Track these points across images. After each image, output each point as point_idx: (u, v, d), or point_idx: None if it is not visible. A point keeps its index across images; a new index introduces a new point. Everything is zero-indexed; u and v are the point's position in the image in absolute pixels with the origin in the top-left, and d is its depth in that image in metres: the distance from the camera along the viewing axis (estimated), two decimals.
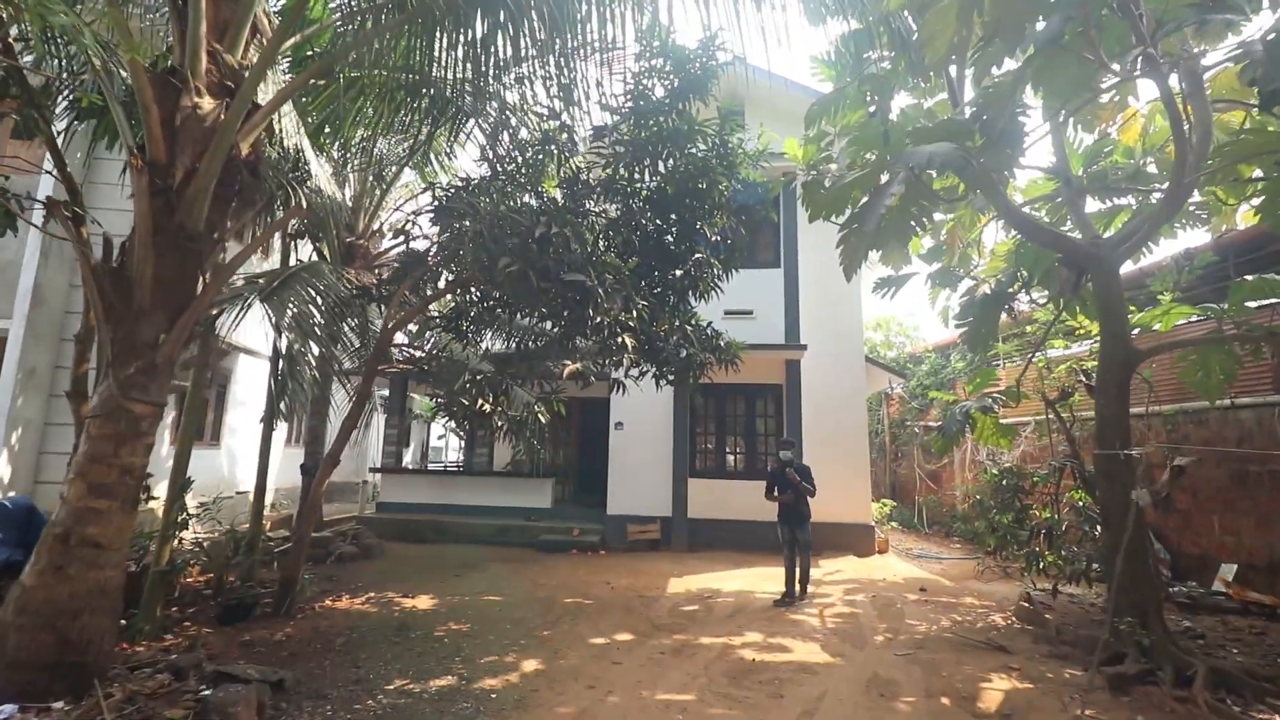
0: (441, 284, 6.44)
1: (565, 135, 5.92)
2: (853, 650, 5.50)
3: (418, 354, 7.68)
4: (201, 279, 4.34)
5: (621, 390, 5.78)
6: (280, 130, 6.35)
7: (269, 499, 12.26)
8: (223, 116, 4.17)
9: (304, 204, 5.84)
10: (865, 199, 5.06)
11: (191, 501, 10.40)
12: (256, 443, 11.23)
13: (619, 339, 5.06)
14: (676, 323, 6.00)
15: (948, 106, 6.58)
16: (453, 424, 9.29)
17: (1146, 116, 7.08)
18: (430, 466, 18.87)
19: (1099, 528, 6.59)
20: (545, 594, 7.27)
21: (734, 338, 6.95)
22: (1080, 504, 6.74)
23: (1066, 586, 6.96)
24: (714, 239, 6.21)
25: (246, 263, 6.17)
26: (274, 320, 5.84)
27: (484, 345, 9.40)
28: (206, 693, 3.67)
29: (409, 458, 21.02)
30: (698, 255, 5.95)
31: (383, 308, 6.89)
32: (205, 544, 7.10)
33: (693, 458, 10.91)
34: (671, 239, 6.34)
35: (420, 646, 5.25)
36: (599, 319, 4.92)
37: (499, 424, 7.46)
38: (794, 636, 5.85)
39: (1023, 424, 9.50)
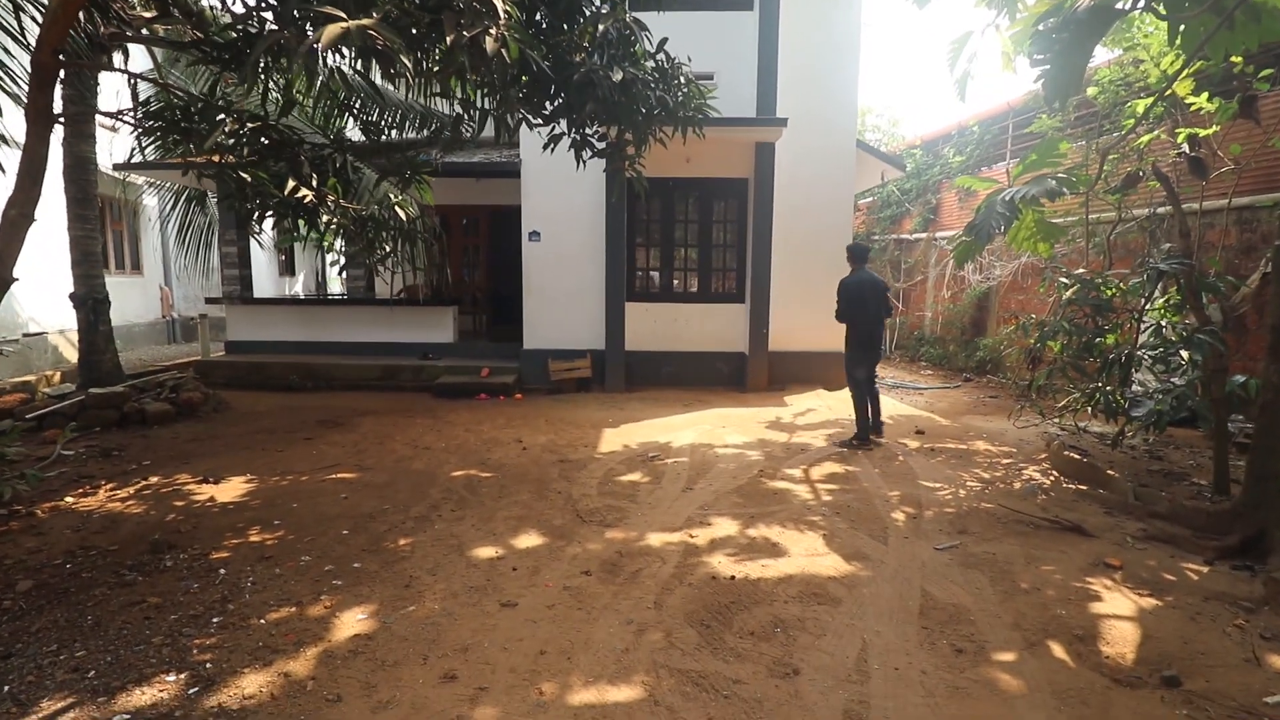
0: None
1: None
2: (874, 545, 3.68)
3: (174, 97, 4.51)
4: None
5: (503, 134, 3.13)
6: None
7: (70, 341, 9.30)
8: None
9: None
10: None
11: None
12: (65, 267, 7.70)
13: None
14: (604, 7, 3.22)
15: None
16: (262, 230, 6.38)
17: None
18: (331, 297, 15.79)
19: (1190, 355, 4.81)
20: (424, 464, 5.14)
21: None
22: (1164, 325, 4.88)
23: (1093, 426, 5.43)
24: None
25: None
26: None
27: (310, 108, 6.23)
28: None
29: (298, 287, 17.82)
30: None
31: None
32: None
33: (631, 276, 8.53)
34: None
35: (167, 588, 3.05)
36: None
37: (330, 222, 4.73)
38: (783, 522, 3.99)
39: (1070, 224, 7.44)
